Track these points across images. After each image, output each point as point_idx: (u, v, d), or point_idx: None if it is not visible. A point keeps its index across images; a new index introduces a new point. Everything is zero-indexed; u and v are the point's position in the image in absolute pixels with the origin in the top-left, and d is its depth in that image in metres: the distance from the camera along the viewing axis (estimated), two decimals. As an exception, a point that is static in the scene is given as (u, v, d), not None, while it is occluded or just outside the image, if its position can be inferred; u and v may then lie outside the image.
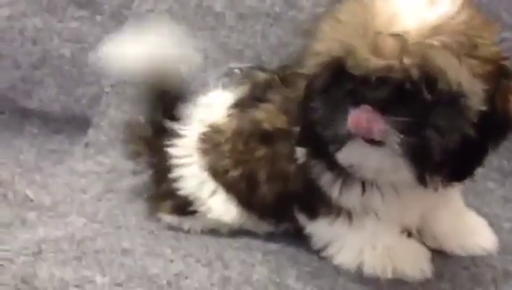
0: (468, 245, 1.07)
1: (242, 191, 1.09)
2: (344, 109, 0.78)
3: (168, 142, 1.16)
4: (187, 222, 1.15)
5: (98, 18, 1.65)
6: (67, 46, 1.67)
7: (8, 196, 1.26)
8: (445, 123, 0.76)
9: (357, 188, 0.92)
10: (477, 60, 0.77)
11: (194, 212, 1.13)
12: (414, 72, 0.74)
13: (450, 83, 0.74)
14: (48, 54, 1.68)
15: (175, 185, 1.14)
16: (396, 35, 0.74)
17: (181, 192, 1.13)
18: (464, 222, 1.09)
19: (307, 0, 1.49)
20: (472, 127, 0.77)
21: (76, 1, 1.66)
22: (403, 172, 0.80)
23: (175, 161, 1.15)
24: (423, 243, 1.04)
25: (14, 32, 1.70)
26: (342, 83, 0.80)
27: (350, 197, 0.94)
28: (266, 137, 1.04)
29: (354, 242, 1.00)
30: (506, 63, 0.82)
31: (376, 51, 0.75)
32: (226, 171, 1.09)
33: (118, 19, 1.63)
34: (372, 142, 0.78)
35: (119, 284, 0.93)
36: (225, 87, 1.18)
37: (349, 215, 0.97)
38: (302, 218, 1.04)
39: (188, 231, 1.15)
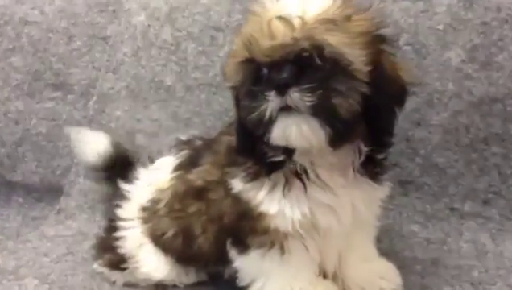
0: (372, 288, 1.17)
1: (179, 248, 1.23)
2: (262, 97, 0.93)
3: (117, 203, 1.32)
4: (115, 276, 1.31)
5: (70, 97, 1.84)
6: (43, 124, 1.86)
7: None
8: (341, 85, 0.91)
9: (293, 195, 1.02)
10: (353, 32, 0.92)
11: (125, 268, 1.28)
12: (304, 44, 0.90)
13: (334, 49, 0.91)
14: (28, 132, 1.87)
15: (117, 243, 1.29)
16: (284, 19, 0.91)
17: (120, 251, 1.28)
18: (371, 268, 1.20)
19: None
20: (367, 86, 0.92)
21: (51, 84, 1.85)
22: (319, 134, 0.92)
23: (120, 222, 1.31)
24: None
25: (0, 115, 1.90)
26: (257, 78, 0.95)
27: (287, 207, 1.02)
28: (199, 192, 1.17)
29: (277, 279, 1.10)
30: (383, 32, 0.98)
31: (271, 35, 0.92)
32: (163, 234, 1.24)
33: (86, 97, 1.82)
34: (289, 109, 0.92)
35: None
36: (172, 153, 1.31)
37: (282, 247, 1.07)
38: (233, 253, 1.13)
39: (114, 283, 1.31)
